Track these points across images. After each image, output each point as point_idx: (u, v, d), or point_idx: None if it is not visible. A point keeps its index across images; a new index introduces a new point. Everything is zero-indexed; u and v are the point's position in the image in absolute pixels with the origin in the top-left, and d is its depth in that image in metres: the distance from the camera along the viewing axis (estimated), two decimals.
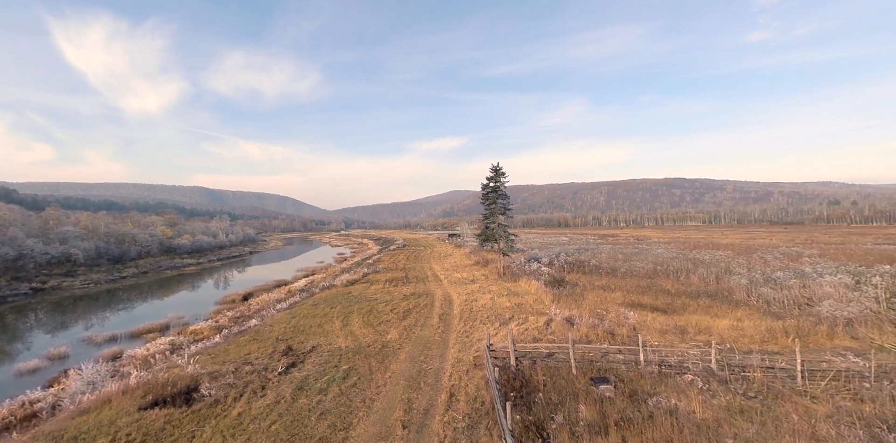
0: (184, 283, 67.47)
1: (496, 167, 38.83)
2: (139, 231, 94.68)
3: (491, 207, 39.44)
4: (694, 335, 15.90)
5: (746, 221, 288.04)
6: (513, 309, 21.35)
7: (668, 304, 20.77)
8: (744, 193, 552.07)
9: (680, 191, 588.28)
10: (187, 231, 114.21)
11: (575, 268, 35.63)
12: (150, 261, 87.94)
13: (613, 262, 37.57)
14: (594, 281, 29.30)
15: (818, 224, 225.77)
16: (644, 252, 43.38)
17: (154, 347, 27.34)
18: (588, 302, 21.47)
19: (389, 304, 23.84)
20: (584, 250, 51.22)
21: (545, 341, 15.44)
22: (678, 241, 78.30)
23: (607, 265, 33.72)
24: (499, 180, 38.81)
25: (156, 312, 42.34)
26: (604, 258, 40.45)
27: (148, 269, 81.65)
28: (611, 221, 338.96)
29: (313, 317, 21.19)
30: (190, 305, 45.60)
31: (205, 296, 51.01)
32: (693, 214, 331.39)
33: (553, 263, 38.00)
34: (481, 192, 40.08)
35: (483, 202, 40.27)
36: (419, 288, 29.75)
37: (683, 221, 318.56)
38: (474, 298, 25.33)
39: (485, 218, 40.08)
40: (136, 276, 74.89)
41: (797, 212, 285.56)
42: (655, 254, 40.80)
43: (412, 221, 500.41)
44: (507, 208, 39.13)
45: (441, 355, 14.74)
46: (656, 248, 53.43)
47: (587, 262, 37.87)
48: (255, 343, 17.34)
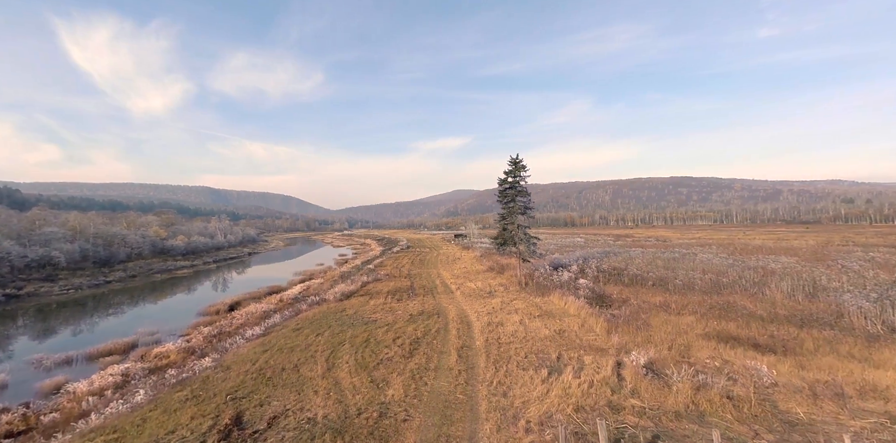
0: (172, 288, 62.49)
1: (515, 160, 33.41)
2: (130, 232, 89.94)
3: (509, 206, 34.01)
4: (860, 400, 10.47)
5: (759, 221, 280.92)
6: (555, 340, 15.96)
7: (769, 336, 15.32)
8: (752, 191, 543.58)
9: (687, 190, 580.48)
10: (183, 232, 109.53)
11: (612, 278, 30.12)
12: (141, 263, 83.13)
13: (656, 269, 32.04)
14: (647, 297, 23.77)
15: (836, 223, 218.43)
16: (686, 258, 37.82)
17: (102, 378, 22.27)
18: (658, 332, 16.07)
19: (391, 329, 18.43)
20: (609, 254, 45.70)
21: (631, 412, 9.84)
22: (705, 243, 72.49)
23: (653, 275, 28.16)
24: (518, 175, 33.38)
25: (129, 325, 37.29)
26: (641, 265, 34.93)
27: (137, 272, 76.79)
28: (618, 220, 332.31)
29: (291, 351, 15.89)
30: (169, 316, 40.52)
31: (189, 304, 45.94)
32: (703, 213, 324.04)
33: (585, 271, 32.50)
34: (498, 188, 34.65)
35: (500, 200, 34.86)
36: (427, 303, 24.33)
37: (693, 221, 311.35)
38: (498, 319, 19.89)
39: (502, 218, 34.65)
40: (123, 280, 70.05)
41: (810, 211, 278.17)
42: (702, 260, 35.23)
43: (416, 221, 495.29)
44: (527, 207, 33.70)
45: (471, 437, 9.41)
46: (696, 250, 47.87)
47: (624, 270, 32.37)
48: (190, 407, 11.74)
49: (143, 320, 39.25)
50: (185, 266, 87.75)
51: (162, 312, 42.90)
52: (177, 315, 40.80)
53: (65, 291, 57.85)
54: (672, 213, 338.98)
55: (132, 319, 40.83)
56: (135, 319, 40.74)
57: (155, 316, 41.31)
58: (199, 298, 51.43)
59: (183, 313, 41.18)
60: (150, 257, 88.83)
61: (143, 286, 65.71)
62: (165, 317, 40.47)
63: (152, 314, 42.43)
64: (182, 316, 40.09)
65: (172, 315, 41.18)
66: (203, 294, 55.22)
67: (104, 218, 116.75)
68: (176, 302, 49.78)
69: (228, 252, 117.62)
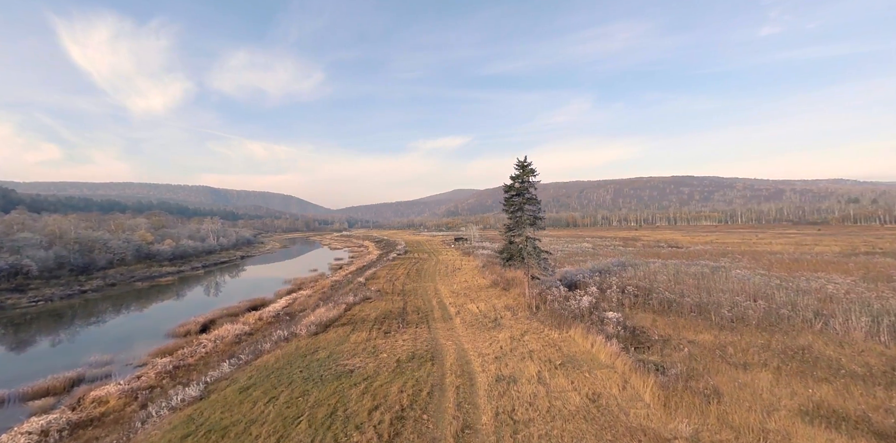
0: (149, 299, 58.03)
1: (523, 163, 28.91)
2: (112, 236, 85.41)
3: (516, 216, 29.51)
4: None
5: (764, 221, 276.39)
6: (593, 419, 11.43)
7: (885, 410, 11.02)
8: (754, 191, 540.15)
9: (689, 189, 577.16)
10: (172, 235, 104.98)
11: (639, 301, 25.64)
12: (123, 270, 78.67)
13: (687, 289, 27.66)
14: (691, 332, 19.23)
15: (845, 224, 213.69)
16: (717, 273, 33.43)
17: (13, 440, 17.95)
18: (734, 405, 11.63)
19: (370, 388, 13.88)
20: (625, 266, 41.28)
21: None
22: (724, 251, 67.99)
23: (689, 300, 23.70)
24: (526, 179, 28.86)
25: (86, 348, 32.90)
26: (668, 283, 30.54)
27: (118, 280, 72.32)
28: (621, 220, 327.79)
29: (222, 436, 11.52)
30: (134, 337, 36.10)
31: (160, 321, 41.44)
32: (708, 213, 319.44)
33: (606, 292, 28.02)
34: (504, 194, 30.13)
35: (505, 208, 30.38)
36: (421, 338, 19.86)
37: (698, 221, 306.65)
38: (509, 370, 15.36)
39: (507, 230, 30.11)
40: (101, 289, 65.57)
41: (815, 210, 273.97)
42: (738, 278, 30.79)
43: (415, 221, 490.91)
44: (536, 217, 29.21)
45: None
46: (722, 262, 43.56)
47: (650, 290, 27.95)
48: None
49: (103, 343, 34.87)
50: (170, 272, 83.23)
51: (127, 332, 38.44)
52: (143, 336, 36.36)
53: (33, 302, 53.44)
54: (675, 213, 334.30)
55: (92, 340, 36.42)
56: (95, 340, 36.34)
57: (118, 336, 36.88)
58: (174, 312, 46.96)
59: (149, 334, 36.73)
60: (133, 263, 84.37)
61: (121, 296, 61.25)
62: (130, 338, 36.06)
63: (116, 334, 38.00)
64: (148, 337, 35.66)
65: (138, 335, 36.75)
66: (180, 307, 50.77)
67: (90, 221, 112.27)
68: (148, 318, 45.30)
69: (220, 256, 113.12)
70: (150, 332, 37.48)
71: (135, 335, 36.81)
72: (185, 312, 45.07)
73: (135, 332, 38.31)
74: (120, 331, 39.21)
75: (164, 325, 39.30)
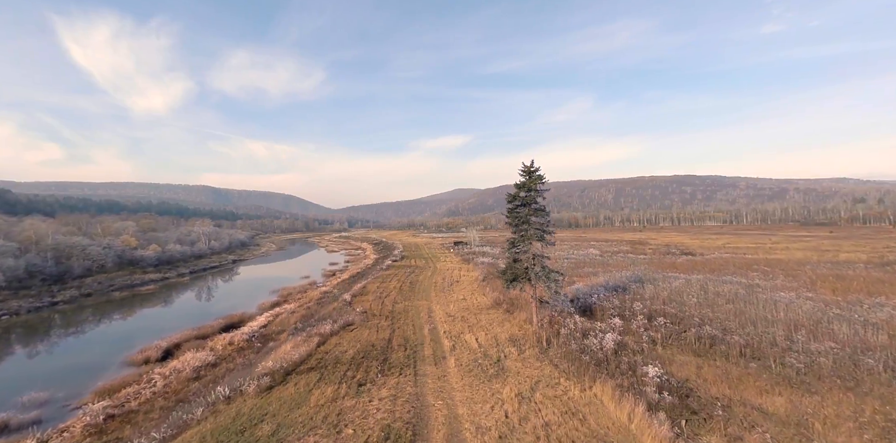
0: (121, 312, 53.53)
1: (529, 169, 24.36)
2: (91, 242, 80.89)
3: (521, 229, 24.97)
4: None
5: (770, 221, 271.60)
6: None
7: None
8: (757, 190, 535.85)
9: (691, 188, 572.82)
10: (159, 239, 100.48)
11: (672, 335, 21.15)
12: (102, 278, 74.15)
13: (722, 315, 23.37)
14: (754, 393, 14.72)
15: (854, 224, 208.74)
16: (753, 293, 29.04)
17: None
18: None
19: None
20: (643, 282, 36.78)
21: None
22: (740, 256, 63.44)
23: (739, 338, 19.25)
24: (533, 187, 24.31)
25: (27, 381, 28.41)
26: (699, 305, 26.22)
27: (94, 289, 67.83)
28: (623, 220, 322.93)
29: None
30: (84, 366, 31.57)
31: (121, 342, 36.79)
32: (712, 213, 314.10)
33: (630, 321, 23.50)
34: (507, 206, 25.57)
35: (509, 220, 25.86)
36: (402, 399, 15.35)
37: (702, 221, 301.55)
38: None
39: (511, 246, 25.53)
40: (74, 300, 61.08)
41: (820, 210, 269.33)
42: (780, 301, 26.40)
43: (416, 221, 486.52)
44: (545, 230, 24.67)
45: None
46: (752, 277, 39.18)
47: (680, 316, 23.60)
48: None
49: (51, 372, 30.47)
50: (154, 280, 78.66)
51: (81, 358, 33.94)
52: (97, 364, 31.88)
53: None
54: (679, 213, 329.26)
55: (40, 368, 32.00)
56: (44, 368, 31.93)
57: (70, 364, 32.39)
58: (141, 330, 42.37)
59: (105, 361, 32.27)
60: (114, 270, 79.82)
61: (94, 308, 56.79)
62: (82, 366, 31.58)
63: (69, 361, 33.49)
64: (102, 366, 31.21)
65: (93, 362, 32.29)
66: (150, 323, 46.21)
67: (74, 224, 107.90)
68: (110, 338, 40.70)
69: (210, 261, 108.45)
70: (106, 358, 33.01)
71: (89, 363, 32.34)
72: (153, 331, 40.56)
73: (90, 358, 33.81)
74: (74, 356, 34.69)
75: (125, 348, 34.84)
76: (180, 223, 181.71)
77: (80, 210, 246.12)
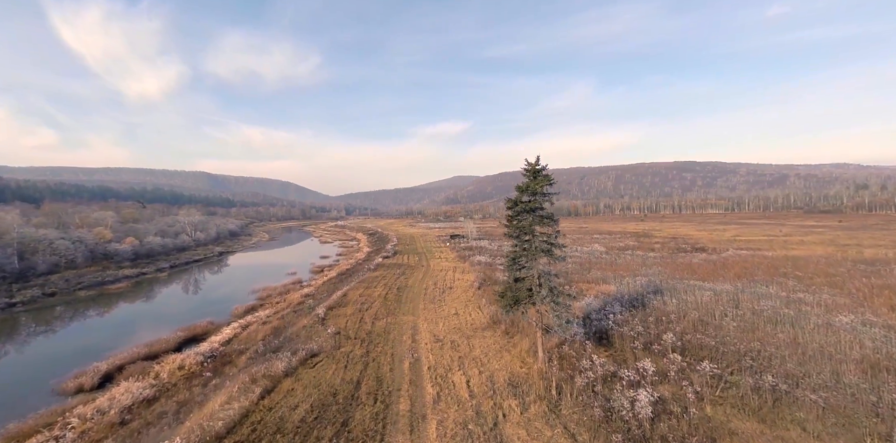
0: (81, 317, 48.48)
1: (535, 168, 18.99)
2: (60, 235, 75.36)
3: (524, 241, 19.83)
4: None
5: (773, 208, 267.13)
6: None
7: None
8: (758, 176, 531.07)
9: (691, 175, 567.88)
10: (136, 232, 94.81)
11: (721, 387, 16.26)
12: (71, 275, 68.96)
13: (773, 348, 18.72)
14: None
15: (860, 212, 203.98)
16: (800, 313, 24.31)
17: None
18: None
19: None
20: (662, 292, 31.98)
21: None
22: (759, 255, 58.56)
23: (818, 397, 14.37)
24: (539, 190, 18.98)
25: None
26: (739, 330, 21.65)
27: (60, 288, 62.73)
28: (623, 208, 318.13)
29: None
30: (5, 397, 26.69)
31: (62, 361, 31.82)
32: (714, 200, 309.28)
33: (662, 358, 18.59)
34: (507, 211, 20.26)
35: (508, 230, 20.65)
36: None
37: (703, 209, 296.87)
38: None
39: (512, 262, 20.27)
40: (35, 300, 55.98)
41: (823, 197, 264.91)
42: (842, 327, 21.58)
43: (414, 209, 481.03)
44: (553, 243, 19.43)
45: None
46: (787, 285, 34.44)
47: (719, 349, 18.91)
48: None
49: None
50: (127, 276, 73.45)
51: (8, 384, 29.08)
52: (18, 393, 27.07)
53: None
54: (680, 200, 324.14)
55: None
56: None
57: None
58: (91, 343, 37.42)
59: (30, 389, 27.42)
60: (86, 266, 74.57)
61: (54, 310, 51.80)
62: (3, 397, 26.70)
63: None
64: (22, 395, 26.43)
65: (13, 391, 27.43)
66: (105, 333, 41.19)
67: (51, 214, 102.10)
68: (52, 352, 35.49)
69: (194, 253, 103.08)
70: (34, 384, 28.13)
71: (10, 391, 27.48)
72: (103, 345, 35.62)
73: (15, 383, 28.93)
74: (2, 381, 29.78)
75: (64, 368, 29.94)
76: (172, 211, 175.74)
77: (72, 196, 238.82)
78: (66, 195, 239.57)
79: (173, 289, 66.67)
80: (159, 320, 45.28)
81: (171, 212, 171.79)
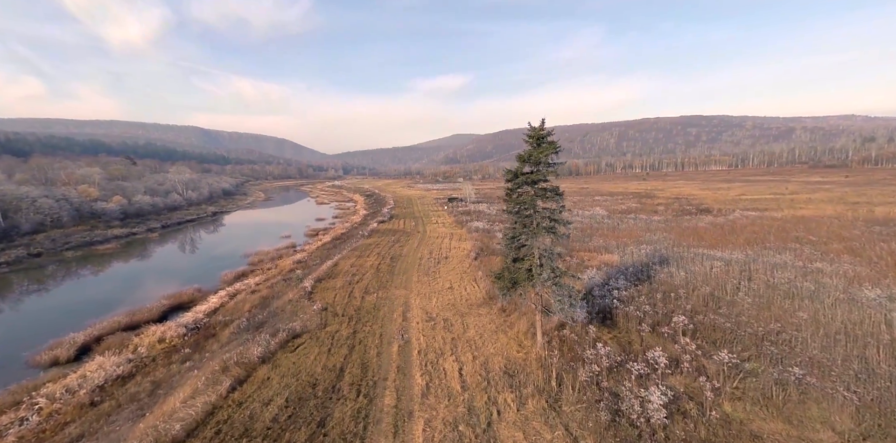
0: (65, 279, 47.22)
1: (539, 133, 16.11)
2: (43, 193, 72.39)
3: (524, 217, 17.51)
4: None
5: (777, 163, 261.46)
6: None
7: None
8: (764, 130, 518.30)
9: (696, 130, 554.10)
10: (124, 190, 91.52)
11: (739, 378, 14.77)
12: (57, 234, 66.99)
13: (796, 331, 17.48)
14: None
15: (866, 166, 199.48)
16: (821, 286, 22.78)
17: None
18: None
19: None
20: (668, 261, 30.26)
21: None
22: (768, 217, 56.37)
23: (852, 395, 12.77)
24: (543, 160, 16.28)
25: None
26: (753, 307, 20.27)
27: (45, 248, 61.02)
28: (625, 166, 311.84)
29: None
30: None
31: (38, 328, 30.52)
32: (718, 157, 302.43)
33: (673, 341, 17.01)
34: (506, 184, 17.72)
35: (508, 207, 18.26)
36: None
37: (707, 166, 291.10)
38: None
39: (511, 239, 18.01)
40: (20, 261, 54.50)
41: (828, 150, 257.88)
42: (868, 303, 20.06)
43: (413, 169, 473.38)
44: (556, 220, 17.09)
45: None
46: (804, 253, 32.68)
47: (740, 336, 17.54)
48: None
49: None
50: (117, 236, 71.61)
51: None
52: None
53: None
54: (683, 157, 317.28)
55: None
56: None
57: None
58: (73, 308, 36.20)
59: (2, 360, 26.25)
60: (73, 225, 72.29)
61: (39, 271, 50.49)
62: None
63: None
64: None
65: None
66: (88, 297, 40.00)
67: (36, 169, 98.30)
68: (30, 320, 34.35)
69: (186, 213, 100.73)
70: (8, 354, 26.94)
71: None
72: (85, 311, 34.34)
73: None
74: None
75: (41, 337, 28.60)
76: (164, 168, 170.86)
77: (62, 150, 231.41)
78: (57, 149, 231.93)
79: (164, 251, 65.18)
80: (146, 285, 44.02)
81: (163, 169, 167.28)
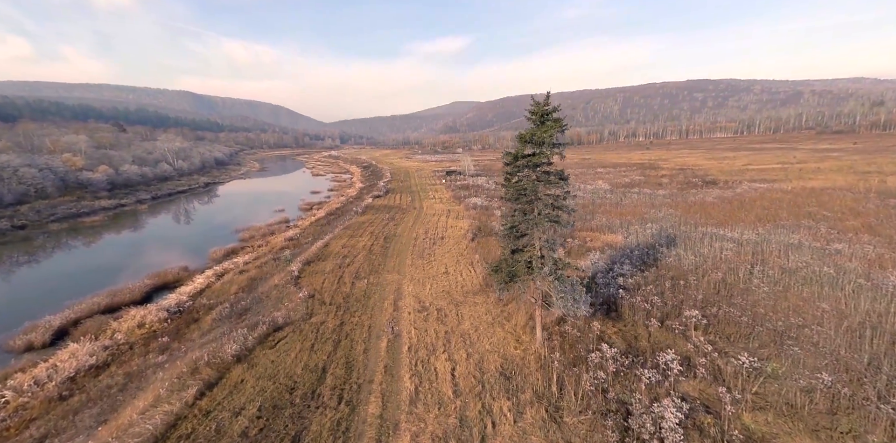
0: (48, 254, 45.83)
1: (543, 109, 13.93)
2: (23, 162, 69.49)
3: (525, 202, 15.59)
4: None
5: (783, 129, 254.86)
6: None
7: None
8: (771, 94, 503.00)
9: (702, 95, 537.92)
10: (111, 159, 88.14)
11: (760, 383, 13.47)
12: (43, 206, 64.94)
13: (817, 325, 16.35)
14: None
15: (874, 131, 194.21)
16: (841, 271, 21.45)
17: None
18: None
19: None
20: (674, 241, 28.68)
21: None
22: (776, 188, 54.23)
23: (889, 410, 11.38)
24: (546, 137, 14.08)
25: None
26: (769, 299, 19.25)
27: (30, 219, 59.20)
28: (629, 135, 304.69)
29: None
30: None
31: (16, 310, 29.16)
32: (723, 123, 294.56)
33: (686, 338, 15.62)
34: (505, 167, 15.63)
35: (507, 194, 16.28)
36: None
37: (712, 133, 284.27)
38: None
39: (510, 228, 16.25)
40: (3, 233, 52.90)
41: (836, 115, 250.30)
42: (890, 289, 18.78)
43: (411, 138, 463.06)
44: (560, 207, 15.20)
45: None
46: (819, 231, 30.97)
47: (756, 332, 16.14)
48: None
49: None
50: (105, 208, 69.48)
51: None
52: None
53: None
54: (688, 125, 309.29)
55: None
56: None
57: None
58: (60, 283, 35.23)
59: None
60: (58, 196, 69.96)
61: (23, 245, 49.01)
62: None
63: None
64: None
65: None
66: (78, 272, 38.98)
67: (21, 136, 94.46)
68: (12, 297, 33.07)
69: (177, 184, 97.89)
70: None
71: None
72: (68, 288, 33.12)
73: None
74: None
75: (17, 320, 27.29)
76: (155, 135, 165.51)
77: (52, 115, 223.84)
78: (47, 113, 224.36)
79: (152, 224, 63.48)
80: (132, 261, 42.55)
81: (154, 136, 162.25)
